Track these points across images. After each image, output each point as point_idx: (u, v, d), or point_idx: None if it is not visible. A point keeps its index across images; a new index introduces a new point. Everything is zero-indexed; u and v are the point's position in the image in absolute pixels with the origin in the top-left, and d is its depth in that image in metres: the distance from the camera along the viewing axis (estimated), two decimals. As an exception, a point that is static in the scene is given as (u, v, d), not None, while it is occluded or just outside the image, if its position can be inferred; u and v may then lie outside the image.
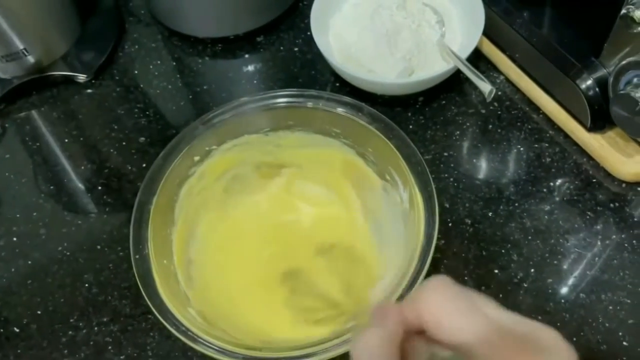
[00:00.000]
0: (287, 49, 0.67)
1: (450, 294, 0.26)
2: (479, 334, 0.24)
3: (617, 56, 0.50)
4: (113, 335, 0.50)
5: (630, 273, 0.50)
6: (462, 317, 0.25)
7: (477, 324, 0.24)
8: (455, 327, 0.25)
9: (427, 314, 0.25)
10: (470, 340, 0.24)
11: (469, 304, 0.25)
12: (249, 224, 0.53)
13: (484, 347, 0.24)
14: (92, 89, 0.66)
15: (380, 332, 0.26)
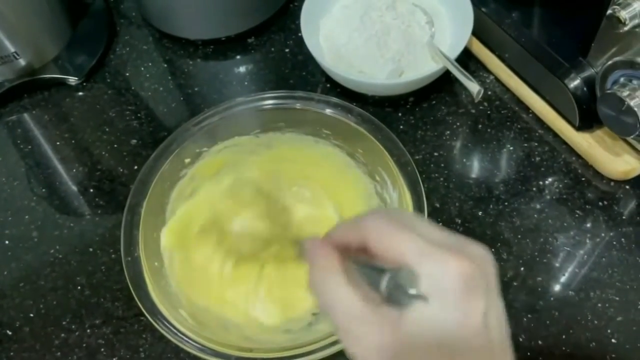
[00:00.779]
0: (277, 50, 0.67)
1: (390, 217, 0.29)
2: (415, 247, 0.28)
3: (605, 56, 0.50)
4: (105, 337, 0.51)
5: (618, 271, 0.50)
6: (400, 235, 0.28)
7: (412, 240, 0.28)
8: (394, 244, 0.28)
9: (370, 235, 0.29)
10: (406, 253, 0.28)
11: (407, 223, 0.29)
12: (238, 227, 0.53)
13: (417, 256, 0.27)
14: (83, 91, 0.66)
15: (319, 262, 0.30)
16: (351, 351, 0.29)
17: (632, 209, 0.53)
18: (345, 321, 0.28)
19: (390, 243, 0.28)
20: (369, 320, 0.28)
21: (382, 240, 0.29)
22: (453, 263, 0.27)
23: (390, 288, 0.27)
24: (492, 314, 0.28)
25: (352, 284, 0.29)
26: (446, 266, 0.27)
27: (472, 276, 0.27)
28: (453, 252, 0.27)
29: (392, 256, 0.28)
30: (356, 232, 0.30)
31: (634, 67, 0.46)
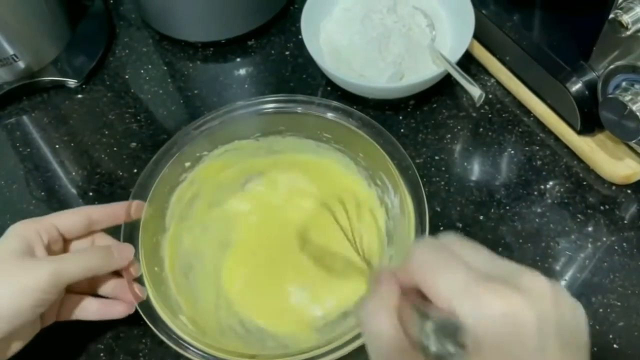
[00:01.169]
0: (278, 52, 0.67)
1: (431, 252, 0.27)
2: (458, 287, 0.24)
3: (606, 60, 0.50)
4: (105, 342, 0.50)
5: (620, 276, 0.50)
6: (441, 274, 0.25)
7: (456, 277, 0.25)
8: (436, 285, 0.25)
9: (415, 276, 0.27)
10: (449, 295, 0.24)
11: (451, 257, 0.26)
12: (240, 229, 0.53)
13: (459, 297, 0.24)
14: (82, 94, 0.66)
15: (375, 298, 0.28)
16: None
17: (633, 213, 0.53)
18: (384, 351, 0.27)
19: (433, 282, 0.26)
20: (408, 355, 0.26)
21: (426, 280, 0.26)
22: (498, 305, 0.22)
23: (430, 338, 0.25)
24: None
25: (402, 323, 0.27)
26: (489, 309, 0.23)
27: (521, 323, 0.22)
28: (498, 286, 0.23)
29: (436, 298, 0.25)
30: (406, 272, 0.28)
31: (636, 71, 0.46)
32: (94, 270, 0.42)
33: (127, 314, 0.45)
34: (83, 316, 0.46)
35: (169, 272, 0.48)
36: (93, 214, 0.46)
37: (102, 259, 0.43)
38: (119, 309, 0.45)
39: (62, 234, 0.45)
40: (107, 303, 0.46)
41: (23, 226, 0.43)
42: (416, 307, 0.27)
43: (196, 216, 0.52)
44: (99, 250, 0.43)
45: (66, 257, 0.42)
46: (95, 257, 0.42)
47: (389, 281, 0.29)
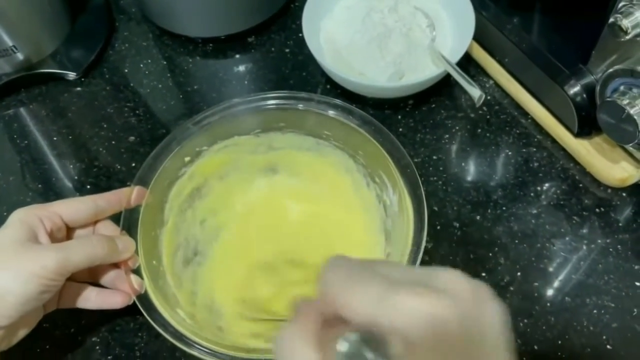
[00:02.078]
0: (278, 50, 0.67)
1: (340, 268, 0.25)
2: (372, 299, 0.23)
3: (605, 63, 0.51)
4: (101, 335, 0.50)
5: (614, 277, 0.50)
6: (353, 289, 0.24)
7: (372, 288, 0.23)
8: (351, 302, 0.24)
9: (328, 298, 0.25)
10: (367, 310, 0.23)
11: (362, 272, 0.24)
12: (239, 223, 0.53)
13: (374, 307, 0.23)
14: (81, 87, 0.66)
15: (294, 325, 0.26)
16: None
17: (628, 215, 0.54)
18: None
19: (346, 298, 0.24)
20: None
21: (339, 298, 0.24)
22: (417, 304, 0.21)
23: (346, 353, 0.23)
24: None
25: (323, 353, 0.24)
26: (410, 310, 0.22)
27: (443, 321, 0.21)
28: (415, 289, 0.22)
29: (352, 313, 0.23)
30: (321, 297, 0.26)
31: (634, 75, 0.46)
32: (99, 259, 0.42)
33: (125, 305, 0.45)
34: (82, 304, 0.46)
35: (166, 266, 0.48)
36: (99, 202, 0.46)
37: (107, 249, 0.43)
38: (117, 299, 0.45)
39: (66, 222, 0.45)
40: (105, 293, 0.46)
41: (25, 212, 0.43)
42: (336, 332, 0.25)
43: (194, 211, 0.52)
44: (105, 239, 0.43)
45: (72, 244, 0.42)
46: (100, 247, 0.42)
47: (308, 308, 0.26)
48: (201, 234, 0.52)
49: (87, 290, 0.46)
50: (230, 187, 0.53)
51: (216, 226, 0.53)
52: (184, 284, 0.48)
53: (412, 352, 0.21)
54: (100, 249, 0.42)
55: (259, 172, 0.54)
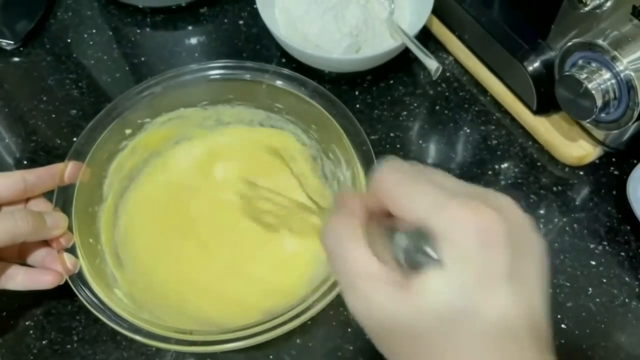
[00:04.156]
0: (231, 21, 0.64)
1: (399, 171, 0.26)
2: (429, 202, 0.24)
3: (564, 39, 0.50)
4: (35, 318, 0.47)
5: (570, 257, 0.50)
6: (411, 191, 0.25)
7: (426, 194, 0.24)
8: (406, 202, 0.25)
9: (382, 195, 0.26)
10: (421, 211, 0.24)
11: (419, 176, 0.25)
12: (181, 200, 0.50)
13: (430, 211, 0.24)
14: (19, 56, 0.62)
15: (341, 217, 0.27)
16: (355, 311, 0.26)
17: (585, 195, 0.53)
18: (352, 278, 0.25)
19: (402, 199, 0.25)
20: (379, 279, 0.25)
21: (394, 196, 0.25)
22: (469, 215, 0.23)
23: (403, 250, 0.25)
24: (522, 280, 0.23)
25: (371, 244, 0.26)
26: (462, 219, 0.23)
27: (491, 229, 0.23)
28: (470, 202, 0.23)
29: (407, 214, 0.25)
30: (372, 192, 0.27)
31: (592, 49, 0.45)
32: (23, 235, 0.39)
33: (55, 285, 0.42)
34: (10, 285, 0.43)
35: (105, 245, 0.45)
36: (28, 177, 0.43)
37: (33, 225, 0.39)
38: (47, 278, 0.42)
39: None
40: (34, 272, 0.43)
41: None
42: (385, 226, 0.26)
43: (136, 187, 0.49)
44: (30, 214, 0.40)
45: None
46: (24, 222, 0.39)
47: (354, 200, 0.27)
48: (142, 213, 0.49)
49: (14, 269, 0.42)
50: (173, 162, 0.51)
51: (158, 206, 0.50)
52: (123, 264, 0.45)
53: (462, 257, 0.23)
54: (24, 225, 0.39)
55: (204, 149, 0.51)
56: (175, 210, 0.48)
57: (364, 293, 0.25)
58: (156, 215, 0.49)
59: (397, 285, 0.24)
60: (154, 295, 0.44)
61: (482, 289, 0.23)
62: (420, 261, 0.24)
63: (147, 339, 0.38)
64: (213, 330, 0.38)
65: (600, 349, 0.45)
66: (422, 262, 0.24)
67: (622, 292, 0.48)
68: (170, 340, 0.38)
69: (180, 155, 0.51)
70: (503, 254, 0.23)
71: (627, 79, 0.44)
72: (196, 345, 0.38)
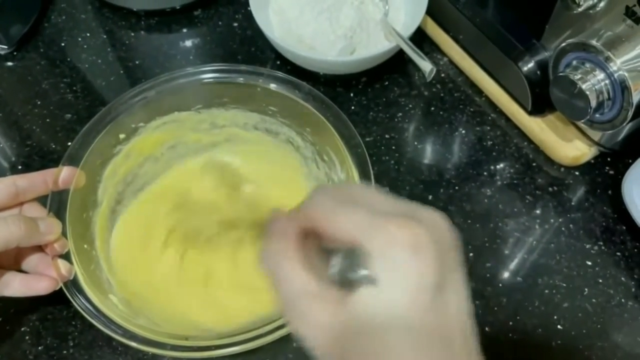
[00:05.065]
0: (225, 24, 0.64)
1: (328, 193, 0.27)
2: (359, 223, 0.25)
3: (559, 39, 0.50)
4: (31, 324, 0.47)
5: (566, 257, 0.50)
6: (341, 212, 0.26)
7: (355, 215, 0.25)
8: (337, 223, 0.26)
9: (313, 216, 0.27)
10: (352, 232, 0.25)
11: (348, 198, 0.27)
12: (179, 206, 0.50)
13: (363, 231, 0.25)
14: (13, 61, 0.62)
15: (276, 238, 0.27)
16: (296, 328, 0.27)
17: (580, 195, 0.53)
18: (292, 297, 0.26)
19: (335, 221, 0.26)
20: (316, 297, 0.25)
21: (327, 220, 0.26)
22: (399, 231, 0.24)
23: (340, 270, 0.26)
24: (449, 289, 0.25)
25: (307, 264, 0.26)
26: (392, 236, 0.24)
27: (420, 242, 0.24)
28: (400, 220, 0.24)
29: (340, 235, 0.26)
30: (303, 215, 0.28)
31: (586, 49, 0.45)
32: (15, 240, 0.39)
33: (50, 291, 0.42)
34: (6, 292, 0.42)
35: (99, 251, 0.45)
36: (20, 182, 0.42)
37: (25, 230, 0.39)
38: (43, 284, 0.42)
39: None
40: (29, 278, 0.42)
41: None
42: (320, 246, 0.27)
43: (132, 193, 0.49)
44: (22, 219, 0.39)
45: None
46: (16, 227, 0.39)
47: (289, 222, 0.28)
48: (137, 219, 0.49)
49: (9, 275, 0.42)
50: (167, 168, 0.50)
51: (149, 213, 0.50)
52: (118, 270, 0.45)
53: (393, 271, 0.24)
54: (16, 230, 0.38)
55: (199, 153, 0.51)
56: (171, 217, 0.48)
57: (304, 311, 0.26)
58: (151, 223, 0.49)
59: (334, 301, 0.25)
60: (149, 301, 0.44)
61: (413, 301, 0.24)
62: (355, 279, 0.25)
63: (142, 345, 0.38)
64: (209, 335, 0.38)
65: (597, 349, 0.45)
66: (356, 280, 0.25)
67: (619, 292, 0.48)
68: (166, 346, 0.38)
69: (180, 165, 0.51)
70: (432, 265, 0.24)
71: (620, 80, 0.44)
72: (192, 350, 0.38)
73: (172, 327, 0.41)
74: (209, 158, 0.52)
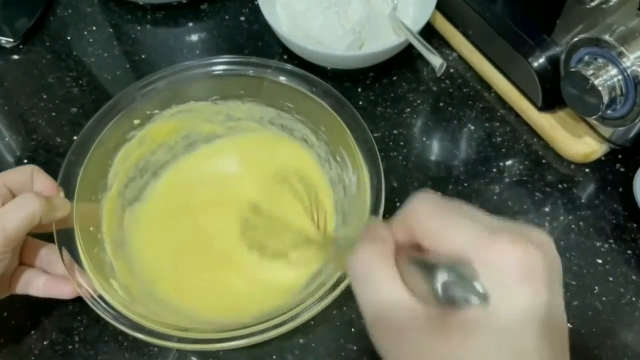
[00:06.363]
0: (232, 18, 0.63)
1: (436, 205, 0.25)
2: (470, 236, 0.24)
3: (570, 34, 0.49)
4: (37, 319, 0.47)
5: (576, 255, 0.49)
6: (450, 224, 0.24)
7: (467, 228, 0.24)
8: (445, 235, 0.24)
9: (417, 227, 0.25)
10: (461, 244, 0.24)
11: (457, 211, 0.25)
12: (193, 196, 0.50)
13: (473, 245, 0.24)
14: (19, 54, 0.61)
15: (372, 246, 0.26)
16: (386, 348, 0.25)
17: (591, 192, 0.52)
18: (384, 310, 0.24)
19: (441, 232, 0.24)
20: (416, 316, 0.24)
21: (432, 230, 0.25)
22: (513, 250, 0.23)
23: (445, 285, 0.23)
24: (554, 312, 0.24)
25: (403, 280, 0.25)
26: (506, 254, 0.23)
27: (533, 265, 0.23)
28: (514, 238, 0.23)
29: (445, 248, 0.24)
30: (403, 224, 0.26)
31: (599, 44, 0.44)
32: (36, 216, 0.38)
33: (74, 296, 0.42)
34: (31, 291, 0.42)
35: (106, 234, 0.44)
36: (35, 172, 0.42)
37: (44, 204, 0.38)
38: (68, 289, 0.41)
39: (12, 191, 0.41)
40: (54, 279, 0.42)
41: None
42: (415, 259, 0.25)
43: (143, 184, 0.49)
44: (36, 195, 0.39)
45: (4, 210, 0.38)
46: (35, 202, 0.38)
47: (385, 230, 0.26)
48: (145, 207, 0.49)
49: (36, 274, 0.42)
50: (179, 157, 0.51)
51: (161, 202, 0.49)
52: (122, 257, 0.45)
53: (506, 293, 0.23)
54: (38, 205, 0.38)
55: (212, 143, 0.51)
56: (185, 214, 0.48)
57: (398, 326, 0.24)
58: (164, 217, 0.49)
59: (436, 321, 0.24)
60: (152, 289, 0.44)
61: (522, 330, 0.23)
62: (461, 296, 0.23)
63: (146, 336, 0.38)
64: (210, 327, 0.38)
65: (608, 348, 0.45)
66: (464, 298, 0.23)
67: (629, 290, 0.47)
68: (173, 338, 0.38)
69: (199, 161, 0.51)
70: (544, 292, 0.23)
71: (634, 75, 0.43)
72: (199, 343, 0.38)
73: (174, 318, 0.41)
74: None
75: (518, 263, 0.23)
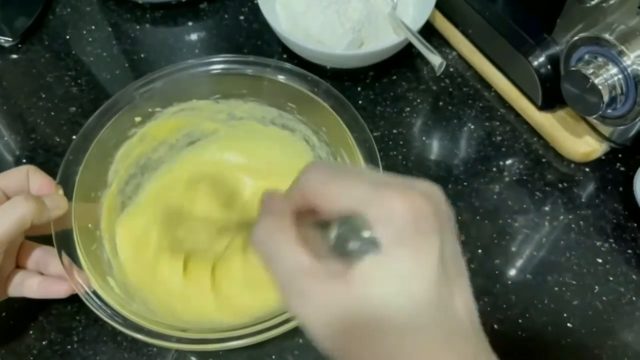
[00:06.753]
0: (232, 17, 0.63)
1: (326, 170, 0.26)
2: (360, 192, 0.25)
3: (570, 33, 0.49)
4: (35, 319, 0.47)
5: (576, 254, 0.49)
6: (342, 184, 0.25)
7: (354, 186, 0.25)
8: (338, 195, 0.25)
9: (312, 193, 0.26)
10: (353, 200, 0.25)
11: (346, 172, 0.26)
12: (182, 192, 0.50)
13: (362, 200, 0.24)
14: (18, 53, 0.61)
15: (270, 217, 0.27)
16: (296, 313, 0.25)
17: (590, 191, 0.52)
18: (287, 275, 0.25)
19: (332, 192, 0.25)
20: (313, 273, 0.25)
21: (324, 192, 0.26)
22: (401, 200, 0.24)
23: (338, 236, 0.25)
24: (447, 255, 0.25)
25: (302, 240, 0.26)
26: (394, 205, 0.24)
27: (423, 213, 0.24)
28: (400, 190, 0.24)
29: (337, 207, 0.25)
30: (298, 191, 0.27)
31: (599, 43, 0.44)
32: (26, 219, 0.38)
33: (69, 294, 0.42)
34: (26, 293, 0.42)
35: (104, 232, 0.44)
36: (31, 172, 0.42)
37: (34, 207, 0.38)
38: (63, 287, 0.41)
39: (6, 194, 0.41)
40: (48, 280, 0.42)
41: None
42: (315, 222, 0.26)
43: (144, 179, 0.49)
44: (28, 198, 0.38)
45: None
46: (25, 206, 0.38)
47: (282, 200, 0.27)
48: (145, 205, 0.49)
49: (27, 275, 0.42)
50: (178, 154, 0.51)
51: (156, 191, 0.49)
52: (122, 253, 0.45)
53: (398, 239, 0.24)
54: (27, 208, 0.37)
55: (211, 142, 0.51)
56: (184, 212, 0.48)
57: (303, 291, 0.25)
58: (163, 214, 0.49)
59: (335, 276, 0.24)
60: (149, 287, 0.44)
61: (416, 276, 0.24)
62: (355, 248, 0.24)
63: (145, 336, 0.38)
64: (205, 328, 0.38)
65: (608, 347, 0.45)
66: (358, 249, 0.24)
67: (629, 290, 0.47)
68: (171, 338, 0.38)
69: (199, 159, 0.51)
70: (434, 237, 0.24)
71: (634, 74, 0.43)
72: (198, 343, 0.37)
73: (169, 315, 0.41)
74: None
75: (406, 211, 0.24)
